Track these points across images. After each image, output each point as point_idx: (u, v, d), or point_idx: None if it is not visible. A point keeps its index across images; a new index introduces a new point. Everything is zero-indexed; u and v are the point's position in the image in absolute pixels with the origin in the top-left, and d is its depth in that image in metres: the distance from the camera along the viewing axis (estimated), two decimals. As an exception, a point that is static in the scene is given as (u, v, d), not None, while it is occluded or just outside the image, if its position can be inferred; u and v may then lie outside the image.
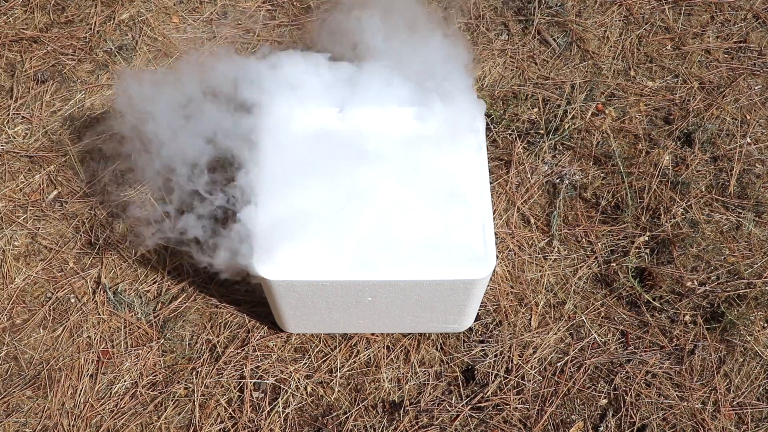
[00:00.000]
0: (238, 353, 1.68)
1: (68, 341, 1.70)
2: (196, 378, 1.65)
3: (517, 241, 1.84)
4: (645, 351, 1.69)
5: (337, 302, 1.49)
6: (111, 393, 1.64)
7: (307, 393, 1.64)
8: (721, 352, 1.68)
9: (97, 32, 2.20)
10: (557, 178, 1.93)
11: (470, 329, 1.71)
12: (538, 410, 1.62)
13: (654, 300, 1.74)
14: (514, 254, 1.81)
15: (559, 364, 1.67)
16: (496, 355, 1.68)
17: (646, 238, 1.83)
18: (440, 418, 1.61)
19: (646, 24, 2.23)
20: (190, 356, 1.68)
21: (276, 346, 1.69)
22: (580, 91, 2.07)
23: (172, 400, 1.63)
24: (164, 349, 1.69)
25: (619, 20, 2.24)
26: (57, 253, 1.82)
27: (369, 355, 1.68)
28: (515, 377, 1.65)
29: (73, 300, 1.76)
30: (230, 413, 1.62)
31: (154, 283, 1.77)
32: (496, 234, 1.79)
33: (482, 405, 1.62)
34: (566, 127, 1.99)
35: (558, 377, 1.66)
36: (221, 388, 1.65)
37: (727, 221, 1.86)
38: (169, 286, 1.77)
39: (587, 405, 1.63)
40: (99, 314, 1.73)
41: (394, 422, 1.60)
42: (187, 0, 2.28)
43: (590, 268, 1.80)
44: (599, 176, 1.93)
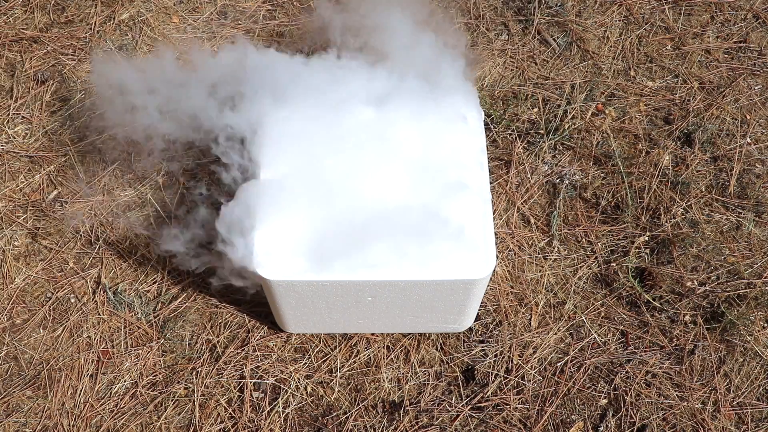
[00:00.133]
0: (238, 353, 1.68)
1: (68, 341, 1.70)
2: (196, 378, 1.65)
3: (517, 241, 1.84)
4: (645, 351, 1.69)
5: (337, 302, 1.49)
6: (111, 393, 1.64)
7: (307, 393, 1.64)
8: (721, 352, 1.68)
9: (97, 32, 2.20)
10: (557, 178, 1.93)
11: (470, 329, 1.71)
12: (538, 410, 1.62)
13: (654, 300, 1.74)
14: (514, 254, 1.81)
15: (559, 364, 1.67)
16: (496, 355, 1.68)
17: (646, 238, 1.83)
18: (440, 418, 1.61)
19: (646, 24, 2.23)
20: (190, 356, 1.68)
21: (276, 346, 1.69)
22: (580, 91, 2.07)
23: (172, 400, 1.63)
24: (164, 349, 1.69)
25: (619, 20, 2.24)
26: (57, 253, 1.82)
27: (369, 355, 1.68)
28: (515, 377, 1.65)
29: (73, 300, 1.76)
30: (230, 413, 1.62)
31: (154, 283, 1.77)
32: (496, 234, 1.79)
33: (482, 405, 1.62)
34: (566, 127, 1.99)
35: (558, 377, 1.66)
36: (221, 388, 1.65)
37: (727, 221, 1.86)
38: (169, 286, 1.77)
39: (587, 405, 1.63)
40: (99, 314, 1.73)
41: (394, 422, 1.60)
42: (187, 0, 2.28)
43: (590, 268, 1.80)
44: (599, 176, 1.93)
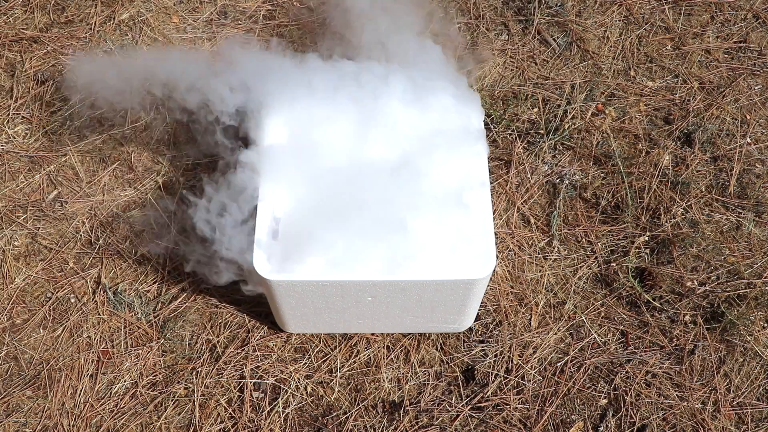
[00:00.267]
0: (238, 353, 1.68)
1: (68, 341, 1.70)
2: (196, 378, 1.65)
3: (517, 241, 1.84)
4: (645, 351, 1.69)
5: (337, 302, 1.49)
6: (111, 393, 1.64)
7: (307, 393, 1.64)
8: (721, 352, 1.68)
9: (97, 32, 2.20)
10: (557, 178, 1.93)
11: (470, 329, 1.71)
12: (538, 410, 1.62)
13: (654, 300, 1.74)
14: (514, 254, 1.81)
15: (559, 364, 1.67)
16: (496, 355, 1.68)
17: (646, 238, 1.83)
18: (440, 418, 1.61)
19: (646, 24, 2.23)
20: (190, 356, 1.68)
21: (276, 346, 1.69)
22: (580, 91, 2.07)
23: (172, 400, 1.63)
24: (164, 349, 1.69)
25: (619, 20, 2.24)
26: (57, 253, 1.82)
27: (369, 355, 1.68)
28: (515, 377, 1.65)
29: (73, 300, 1.76)
30: (230, 413, 1.62)
31: (154, 283, 1.77)
32: (496, 234, 1.79)
33: (482, 405, 1.62)
34: (566, 127, 1.99)
35: (558, 377, 1.66)
36: (221, 388, 1.65)
37: (727, 221, 1.86)
38: (169, 286, 1.77)
39: (587, 405, 1.63)
40: (99, 314, 1.73)
41: (394, 422, 1.60)
42: (187, 0, 2.28)
43: (590, 268, 1.80)
44: (599, 176, 1.93)
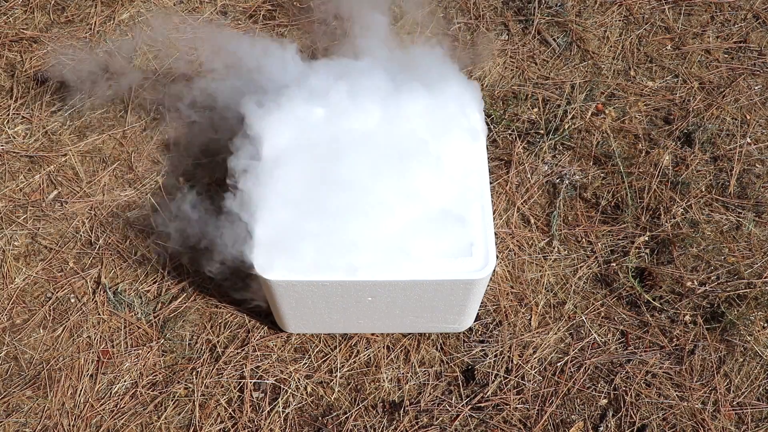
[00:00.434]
0: (238, 353, 1.68)
1: (68, 341, 1.70)
2: (196, 378, 1.65)
3: (517, 241, 1.84)
4: (645, 351, 1.69)
5: (337, 302, 1.49)
6: (111, 393, 1.64)
7: (307, 393, 1.64)
8: (721, 352, 1.68)
9: (97, 32, 2.20)
10: (557, 178, 1.93)
11: (470, 329, 1.71)
12: (538, 410, 1.62)
13: (654, 300, 1.74)
14: (514, 254, 1.81)
15: (559, 364, 1.67)
16: (496, 355, 1.67)
17: (646, 238, 1.83)
18: (440, 418, 1.61)
19: (646, 24, 2.23)
20: (190, 356, 1.68)
21: (276, 346, 1.69)
22: (580, 91, 2.07)
23: (172, 400, 1.63)
24: (164, 349, 1.69)
25: (619, 20, 2.24)
26: (57, 253, 1.82)
27: (369, 355, 1.68)
28: (515, 377, 1.65)
29: (73, 300, 1.76)
30: (230, 413, 1.62)
31: (154, 283, 1.77)
32: (496, 234, 1.79)
33: (482, 405, 1.62)
34: (566, 127, 1.99)
35: (558, 377, 1.66)
36: (221, 388, 1.65)
37: (727, 221, 1.86)
38: (169, 286, 1.77)
39: (587, 405, 1.63)
40: (99, 314, 1.73)
41: (394, 422, 1.60)
42: (187, 0, 2.28)
43: (590, 268, 1.80)
44: (599, 176, 1.93)
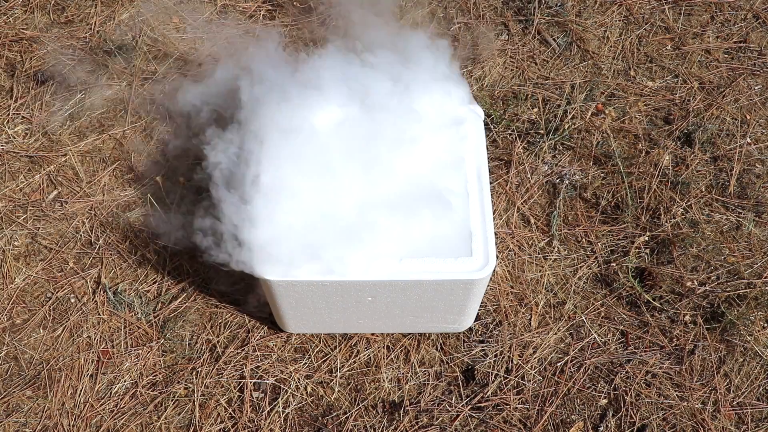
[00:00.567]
0: (238, 353, 1.68)
1: (68, 341, 1.70)
2: (196, 378, 1.65)
3: (517, 241, 1.84)
4: (645, 351, 1.69)
5: (337, 302, 1.49)
6: (111, 393, 1.64)
7: (307, 393, 1.64)
8: (721, 352, 1.68)
9: (97, 32, 2.20)
10: (557, 178, 1.92)
11: (470, 329, 1.71)
12: (538, 410, 1.62)
13: (654, 300, 1.74)
14: (514, 254, 1.81)
15: (559, 364, 1.67)
16: (496, 355, 1.67)
17: (646, 238, 1.83)
18: (440, 418, 1.61)
19: (646, 24, 2.23)
20: (190, 356, 1.68)
21: (276, 346, 1.69)
22: (580, 91, 2.07)
23: (172, 400, 1.63)
24: (164, 349, 1.69)
25: (619, 20, 2.24)
26: (57, 253, 1.82)
27: (369, 355, 1.68)
28: (515, 377, 1.65)
29: (73, 300, 1.76)
30: (230, 413, 1.61)
31: (154, 283, 1.77)
32: (496, 234, 1.79)
33: (482, 405, 1.62)
34: (566, 127, 1.99)
35: (558, 377, 1.66)
36: (221, 388, 1.64)
37: (727, 221, 1.86)
38: (169, 286, 1.77)
39: (587, 405, 1.63)
40: (99, 314, 1.73)
41: (394, 422, 1.60)
42: (187, 0, 2.28)
43: (590, 268, 1.80)
44: (599, 176, 1.93)
